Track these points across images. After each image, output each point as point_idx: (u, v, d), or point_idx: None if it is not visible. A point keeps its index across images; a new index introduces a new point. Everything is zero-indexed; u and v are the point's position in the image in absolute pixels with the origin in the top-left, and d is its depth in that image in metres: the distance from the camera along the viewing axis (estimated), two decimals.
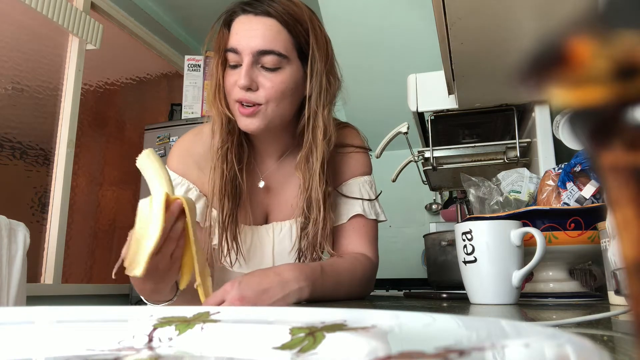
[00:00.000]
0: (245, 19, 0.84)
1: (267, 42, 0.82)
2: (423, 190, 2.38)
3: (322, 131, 0.87)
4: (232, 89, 0.84)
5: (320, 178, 0.87)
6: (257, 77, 0.83)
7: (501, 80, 1.23)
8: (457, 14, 0.94)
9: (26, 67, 2.16)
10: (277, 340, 0.26)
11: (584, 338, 0.17)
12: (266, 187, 0.95)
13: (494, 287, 0.68)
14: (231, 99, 0.86)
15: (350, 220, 0.93)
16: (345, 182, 0.96)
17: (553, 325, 0.37)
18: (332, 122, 0.90)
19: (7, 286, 1.30)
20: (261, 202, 0.95)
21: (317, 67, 0.87)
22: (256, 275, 0.72)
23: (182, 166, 0.91)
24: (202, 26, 3.20)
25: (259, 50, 0.82)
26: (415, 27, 2.35)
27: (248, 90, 0.83)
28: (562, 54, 0.11)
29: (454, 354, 0.19)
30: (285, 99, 0.85)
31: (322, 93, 0.87)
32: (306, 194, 0.88)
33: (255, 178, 0.95)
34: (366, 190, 0.96)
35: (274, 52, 0.82)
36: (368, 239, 0.94)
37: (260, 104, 0.83)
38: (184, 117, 2.57)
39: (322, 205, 0.87)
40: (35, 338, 0.29)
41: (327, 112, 0.89)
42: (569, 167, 0.93)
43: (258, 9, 0.83)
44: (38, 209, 2.18)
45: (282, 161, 0.95)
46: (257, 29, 0.83)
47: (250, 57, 0.82)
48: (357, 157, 0.98)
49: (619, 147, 0.11)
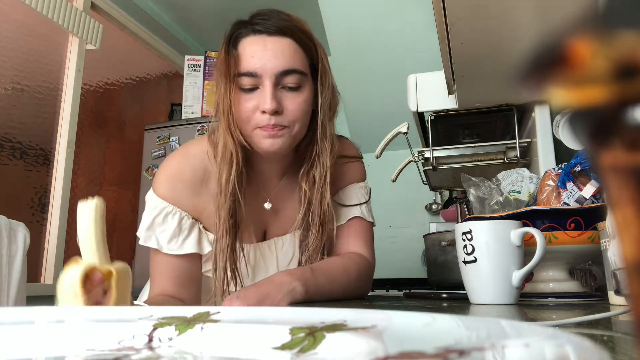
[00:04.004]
0: (258, 40, 0.80)
1: (287, 62, 0.80)
2: (423, 190, 2.38)
3: (329, 144, 0.86)
4: (252, 115, 0.80)
5: (324, 191, 0.86)
6: (281, 100, 0.80)
7: (501, 80, 1.23)
8: (457, 14, 0.94)
9: (26, 67, 2.16)
10: (277, 340, 0.26)
11: (584, 338, 0.17)
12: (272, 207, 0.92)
13: (494, 287, 0.68)
14: (249, 126, 0.81)
15: (348, 221, 0.94)
16: (343, 189, 0.96)
17: (553, 325, 0.37)
18: (335, 135, 0.90)
19: (7, 286, 1.30)
20: (262, 220, 0.93)
21: (326, 81, 0.86)
22: (251, 287, 0.73)
23: (172, 193, 0.85)
24: (202, 26, 3.20)
25: (282, 71, 0.79)
26: (415, 27, 2.35)
27: (274, 114, 0.79)
28: (562, 54, 0.11)
29: (454, 354, 0.19)
30: (306, 117, 0.84)
31: (330, 106, 0.87)
32: (309, 206, 0.87)
33: (260, 200, 0.92)
34: (362, 194, 0.97)
35: (296, 71, 0.80)
36: (364, 240, 0.95)
37: (285, 127, 0.80)
38: (184, 117, 2.57)
39: (325, 218, 0.86)
40: (35, 338, 0.29)
41: (332, 125, 0.88)
42: (569, 167, 0.93)
43: (271, 29, 0.80)
44: (38, 209, 2.18)
45: (285, 178, 0.93)
46: (274, 50, 0.79)
47: (273, 79, 0.79)
48: (354, 166, 0.99)
49: (619, 147, 0.11)
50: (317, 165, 0.87)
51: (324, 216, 0.86)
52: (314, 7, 2.48)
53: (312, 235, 0.87)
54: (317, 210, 0.86)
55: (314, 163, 0.87)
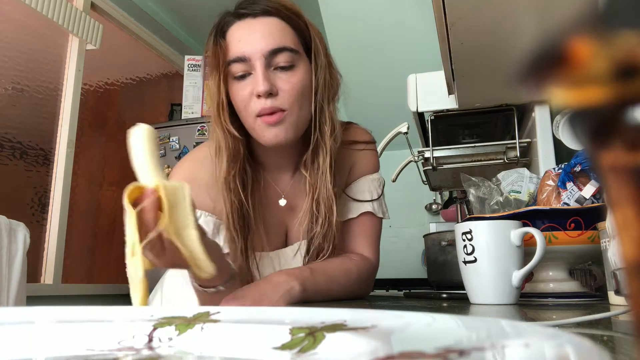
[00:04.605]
0: (244, 24, 0.78)
1: (276, 41, 0.77)
2: (423, 190, 2.38)
3: (329, 127, 0.82)
4: (249, 102, 0.77)
5: (328, 177, 0.82)
6: (275, 81, 0.77)
7: (501, 80, 1.23)
8: (457, 14, 0.94)
9: (26, 67, 2.16)
10: (277, 340, 0.26)
11: (584, 338, 0.17)
12: (287, 203, 0.88)
13: (494, 287, 0.68)
14: (250, 116, 0.78)
15: (357, 217, 0.91)
16: (355, 181, 0.93)
17: (553, 325, 0.37)
18: (336, 118, 0.86)
19: (7, 286, 1.30)
20: (281, 221, 0.89)
21: (320, 60, 0.82)
22: (249, 286, 0.71)
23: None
24: (202, 26, 3.18)
25: (270, 50, 0.76)
26: (416, 26, 2.35)
27: (269, 97, 0.76)
28: (562, 54, 0.11)
29: (454, 354, 0.19)
30: (305, 99, 0.80)
31: (327, 87, 0.83)
32: (314, 195, 0.83)
33: (274, 197, 0.88)
34: (375, 188, 0.93)
35: (286, 49, 0.77)
36: (370, 239, 0.92)
37: (284, 110, 0.77)
38: (184, 117, 2.57)
39: (331, 205, 0.83)
40: (35, 338, 0.29)
41: (332, 107, 0.84)
42: (569, 167, 0.93)
43: (256, 10, 0.79)
44: (38, 209, 2.18)
45: (298, 172, 0.88)
46: (261, 30, 0.77)
47: (263, 60, 0.76)
48: (367, 155, 0.95)
49: (619, 147, 0.11)
50: (321, 148, 0.83)
51: (332, 203, 0.82)
52: (314, 7, 2.48)
53: (319, 225, 0.83)
54: (322, 197, 0.82)
55: (315, 148, 0.83)
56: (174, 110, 2.76)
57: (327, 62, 0.84)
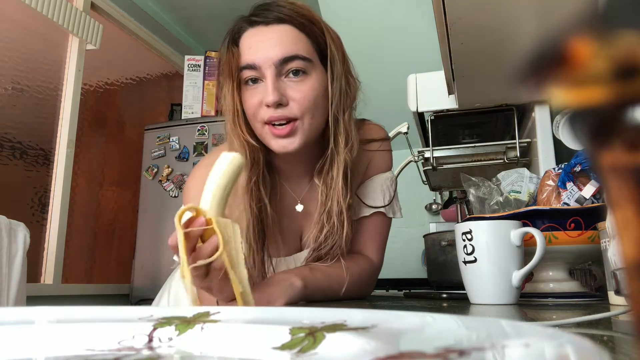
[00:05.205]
0: (256, 31, 0.77)
1: (287, 49, 0.75)
2: (423, 190, 2.38)
3: (343, 138, 0.80)
4: (258, 110, 0.76)
5: (341, 189, 0.80)
6: (285, 90, 0.75)
7: (501, 80, 1.23)
8: (457, 14, 0.94)
9: (26, 67, 2.16)
10: (277, 340, 0.26)
11: (584, 338, 0.17)
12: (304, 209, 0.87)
13: (494, 287, 0.68)
14: (258, 122, 0.77)
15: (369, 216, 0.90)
16: (369, 179, 0.92)
17: (553, 325, 0.37)
18: (353, 128, 0.83)
19: (7, 286, 1.30)
20: (297, 226, 0.88)
21: (337, 69, 0.80)
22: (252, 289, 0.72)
23: None
24: (202, 26, 3.20)
25: (281, 59, 0.75)
26: (416, 27, 2.35)
27: (278, 107, 0.75)
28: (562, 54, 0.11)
29: (454, 354, 0.19)
30: (317, 108, 0.78)
31: (343, 96, 0.81)
32: (326, 205, 0.81)
33: (291, 203, 0.87)
34: (387, 187, 0.92)
35: (298, 57, 0.76)
36: (376, 241, 0.92)
37: (295, 119, 0.76)
38: (184, 117, 2.58)
39: (343, 218, 0.81)
40: (35, 338, 0.29)
41: (347, 117, 0.82)
42: (569, 167, 0.93)
43: (269, 17, 0.77)
44: (38, 209, 2.18)
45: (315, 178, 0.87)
46: (272, 38, 0.76)
47: (273, 69, 0.75)
48: (382, 154, 0.94)
49: (619, 147, 0.11)
50: (335, 160, 0.81)
51: (344, 216, 0.81)
52: (314, 7, 2.48)
53: (330, 237, 0.81)
54: (334, 210, 0.81)
55: (332, 158, 0.81)
56: (174, 110, 2.76)
57: (343, 70, 0.82)
